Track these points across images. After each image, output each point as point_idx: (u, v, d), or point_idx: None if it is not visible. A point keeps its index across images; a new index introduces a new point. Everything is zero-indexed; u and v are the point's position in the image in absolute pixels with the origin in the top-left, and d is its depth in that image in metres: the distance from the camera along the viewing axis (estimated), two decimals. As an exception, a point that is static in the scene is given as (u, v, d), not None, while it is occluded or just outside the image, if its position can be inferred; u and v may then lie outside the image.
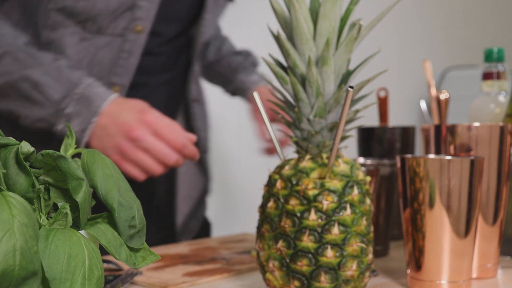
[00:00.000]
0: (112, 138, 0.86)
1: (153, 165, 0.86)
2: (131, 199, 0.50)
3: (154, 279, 0.76)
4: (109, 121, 0.86)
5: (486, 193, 0.78)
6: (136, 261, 0.49)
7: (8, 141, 0.45)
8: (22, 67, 0.86)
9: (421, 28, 2.86)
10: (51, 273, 0.41)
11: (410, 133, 1.05)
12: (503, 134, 0.77)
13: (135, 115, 0.86)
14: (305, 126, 0.64)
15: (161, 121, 0.87)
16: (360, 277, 0.64)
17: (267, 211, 0.65)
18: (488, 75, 0.96)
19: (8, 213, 0.39)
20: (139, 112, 0.86)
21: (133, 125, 0.85)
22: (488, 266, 0.78)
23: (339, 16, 0.62)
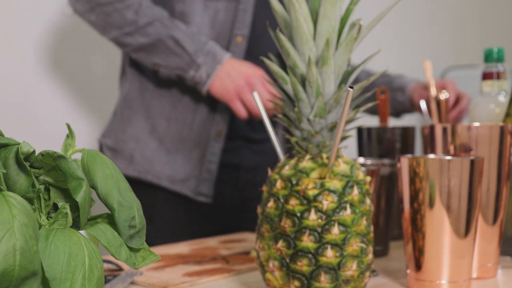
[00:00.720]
0: (234, 80, 1.16)
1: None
2: (131, 199, 0.50)
3: (154, 279, 0.76)
4: (232, 69, 1.16)
5: (486, 193, 0.78)
6: (136, 261, 0.49)
7: (8, 141, 0.45)
8: (168, 29, 1.17)
9: (421, 28, 2.86)
10: (51, 273, 0.41)
11: (410, 133, 1.05)
12: (503, 134, 0.77)
13: (251, 69, 1.17)
14: (305, 126, 0.64)
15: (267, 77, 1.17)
16: (360, 277, 0.64)
17: (267, 211, 0.65)
18: (488, 75, 0.96)
19: (8, 213, 0.39)
20: (252, 68, 1.17)
21: (252, 75, 1.16)
22: (488, 266, 0.78)
23: (339, 16, 0.62)
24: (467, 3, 3.12)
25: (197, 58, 1.17)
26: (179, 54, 1.18)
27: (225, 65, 1.17)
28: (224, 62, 1.17)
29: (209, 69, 1.17)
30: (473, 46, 3.08)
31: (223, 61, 1.17)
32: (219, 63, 1.17)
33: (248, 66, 1.17)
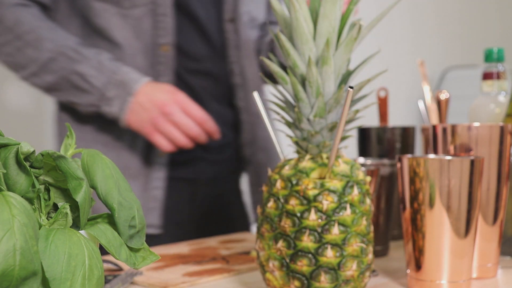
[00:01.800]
0: (147, 112, 1.03)
1: (180, 137, 1.04)
2: (131, 199, 0.50)
3: (154, 279, 0.76)
4: (145, 98, 1.04)
5: (486, 193, 0.78)
6: (136, 261, 0.49)
7: (8, 141, 0.45)
8: (72, 63, 1.06)
9: (421, 28, 2.86)
10: (51, 273, 0.41)
11: (410, 133, 1.05)
12: (503, 134, 0.77)
13: (167, 95, 1.04)
14: (305, 126, 0.64)
15: (188, 101, 1.05)
16: (360, 277, 0.64)
17: (267, 211, 0.65)
18: (488, 75, 0.96)
19: (8, 213, 0.39)
20: (170, 92, 1.04)
21: (166, 102, 1.03)
22: (488, 266, 0.78)
23: (339, 16, 0.62)
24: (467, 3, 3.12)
25: (107, 91, 1.05)
26: (87, 90, 1.06)
27: (138, 95, 1.04)
28: (137, 92, 1.04)
29: (121, 103, 1.04)
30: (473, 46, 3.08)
31: (136, 91, 1.04)
32: (131, 95, 1.04)
33: (165, 92, 1.04)
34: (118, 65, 1.07)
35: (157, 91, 1.04)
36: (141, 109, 1.04)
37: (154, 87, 1.05)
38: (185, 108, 1.03)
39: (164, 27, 1.09)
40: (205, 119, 1.05)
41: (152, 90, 1.04)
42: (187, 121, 1.03)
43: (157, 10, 1.09)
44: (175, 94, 1.04)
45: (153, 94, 1.04)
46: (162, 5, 1.09)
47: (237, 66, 1.18)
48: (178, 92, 1.05)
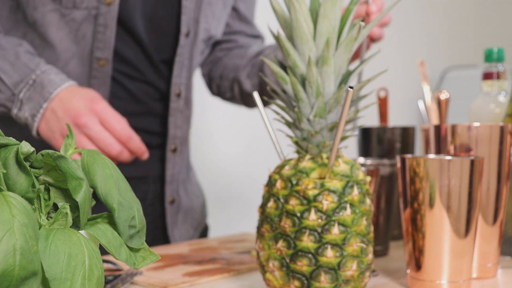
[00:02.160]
0: (59, 121, 0.87)
1: None
2: (131, 199, 0.50)
3: (154, 279, 0.76)
4: (59, 105, 0.88)
5: (486, 193, 0.78)
6: (136, 261, 0.49)
7: (8, 141, 0.45)
8: None
9: (421, 28, 2.86)
10: (51, 273, 0.41)
11: (410, 133, 1.05)
12: (503, 134, 0.77)
13: (85, 102, 0.87)
14: (305, 126, 0.64)
15: (110, 112, 0.89)
16: (360, 277, 0.64)
17: (267, 211, 0.65)
18: (488, 75, 0.96)
19: (8, 213, 0.39)
20: (89, 100, 0.88)
21: (81, 112, 0.87)
22: (488, 266, 0.78)
23: (339, 16, 0.62)
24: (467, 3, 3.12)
25: (20, 92, 0.88)
26: None
27: (54, 101, 0.88)
28: (53, 98, 0.88)
29: (33, 108, 0.88)
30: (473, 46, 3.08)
31: (54, 95, 0.88)
32: (46, 100, 0.88)
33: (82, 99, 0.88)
34: (37, 62, 0.91)
35: (74, 97, 0.88)
36: (53, 116, 0.88)
37: (72, 92, 0.89)
38: (105, 120, 0.87)
39: (103, 39, 0.97)
40: (129, 135, 0.89)
41: (68, 95, 0.88)
42: (104, 136, 0.87)
43: (99, 19, 0.96)
44: (94, 103, 0.88)
45: (68, 101, 0.88)
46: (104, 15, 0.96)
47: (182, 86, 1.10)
48: (99, 100, 0.89)
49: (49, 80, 0.89)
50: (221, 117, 2.00)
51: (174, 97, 1.09)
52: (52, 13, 0.95)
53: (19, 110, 0.89)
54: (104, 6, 0.96)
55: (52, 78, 0.89)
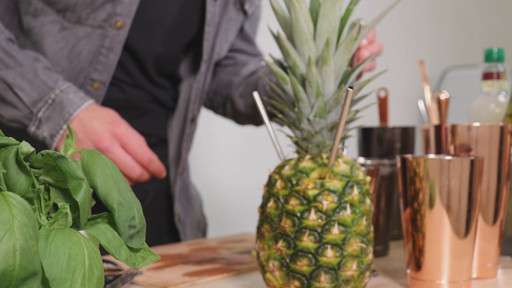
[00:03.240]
0: (80, 144, 0.86)
1: None
2: (131, 199, 0.50)
3: (154, 279, 0.76)
4: (79, 128, 0.86)
5: (486, 193, 0.78)
6: (136, 261, 0.49)
7: (8, 141, 0.45)
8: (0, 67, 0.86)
9: (421, 28, 2.86)
10: (51, 273, 0.41)
11: (410, 133, 1.05)
12: (503, 134, 0.77)
13: (106, 126, 0.87)
14: (305, 126, 0.64)
15: (131, 135, 0.88)
16: (360, 277, 0.64)
17: (267, 211, 0.65)
18: (488, 75, 0.96)
19: (8, 213, 0.39)
20: (110, 122, 0.87)
21: (103, 136, 0.86)
22: (488, 266, 0.78)
23: (339, 16, 0.62)
24: (467, 3, 3.12)
25: (38, 111, 0.86)
26: (13, 104, 0.86)
27: (74, 122, 0.86)
28: (75, 117, 0.86)
29: (53, 128, 0.86)
30: (473, 46, 3.08)
31: (74, 116, 0.86)
32: (67, 120, 0.86)
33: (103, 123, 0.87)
34: (56, 79, 0.88)
35: (95, 119, 0.87)
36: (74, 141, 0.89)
37: (92, 114, 0.87)
38: (126, 144, 0.87)
39: (105, 62, 0.94)
40: (149, 158, 0.89)
41: (89, 117, 0.87)
42: (126, 159, 0.87)
43: (104, 41, 0.93)
44: (115, 126, 0.87)
45: (89, 123, 0.86)
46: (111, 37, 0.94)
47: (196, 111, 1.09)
48: (120, 122, 0.88)
49: (69, 100, 0.87)
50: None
51: (189, 123, 1.08)
52: (52, 24, 0.92)
53: (37, 129, 0.87)
54: (112, 29, 0.93)
55: (72, 97, 0.87)
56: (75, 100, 0.87)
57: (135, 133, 0.89)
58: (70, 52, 0.93)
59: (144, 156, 0.88)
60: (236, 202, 2.05)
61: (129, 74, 1.03)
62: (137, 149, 0.88)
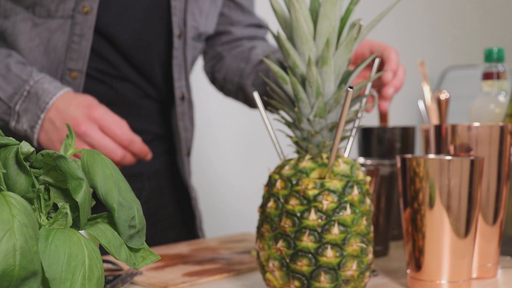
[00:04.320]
0: (59, 131, 0.86)
1: None
2: (131, 199, 0.50)
3: (154, 279, 0.76)
4: (56, 115, 0.86)
5: (486, 193, 0.78)
6: (136, 261, 0.49)
7: (8, 141, 0.46)
8: None
9: (421, 28, 2.86)
10: (51, 273, 0.41)
11: (410, 133, 1.05)
12: (503, 134, 0.77)
13: (82, 110, 0.86)
14: (305, 126, 0.64)
15: (109, 117, 0.88)
16: (360, 277, 0.64)
17: (267, 211, 0.65)
18: (488, 75, 0.96)
19: (8, 213, 0.39)
20: (86, 107, 0.87)
21: (80, 120, 0.85)
22: (488, 266, 0.78)
23: (339, 16, 0.62)
24: (467, 3, 3.12)
25: (16, 105, 0.87)
26: None
27: (50, 111, 0.87)
28: (51, 106, 0.87)
29: (31, 119, 0.87)
30: (473, 46, 3.08)
31: (50, 105, 0.87)
32: (43, 111, 0.86)
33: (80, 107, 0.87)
34: (29, 72, 0.89)
35: (72, 105, 0.87)
36: (51, 127, 0.87)
37: (68, 101, 0.87)
38: (104, 127, 0.87)
39: (78, 50, 0.94)
40: (130, 139, 0.89)
41: (65, 104, 0.87)
42: (105, 141, 0.86)
43: (74, 29, 0.93)
44: (92, 109, 0.87)
45: (65, 110, 0.86)
46: (81, 24, 0.93)
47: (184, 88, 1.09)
48: (97, 106, 0.88)
49: (43, 89, 0.87)
50: (222, 117, 2.00)
51: (179, 101, 1.08)
52: (24, 22, 0.92)
53: (17, 123, 0.88)
54: (80, 15, 0.93)
55: (46, 87, 0.88)
56: (50, 89, 0.88)
57: (113, 116, 0.88)
58: (46, 47, 0.94)
59: (124, 137, 0.87)
60: (236, 202, 2.05)
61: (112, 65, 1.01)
62: (116, 130, 0.87)
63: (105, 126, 0.87)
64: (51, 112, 0.87)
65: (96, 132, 0.86)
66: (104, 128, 0.87)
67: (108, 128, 0.87)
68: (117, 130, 0.87)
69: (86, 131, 0.85)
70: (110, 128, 0.87)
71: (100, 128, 0.87)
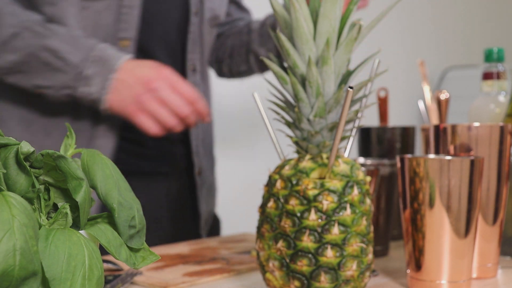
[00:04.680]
0: (131, 89, 0.93)
1: (168, 117, 0.94)
2: (131, 199, 0.50)
3: (154, 279, 0.76)
4: (127, 74, 0.93)
5: (486, 193, 0.78)
6: (136, 261, 0.49)
7: (8, 141, 0.45)
8: (40, 38, 0.93)
9: (421, 28, 2.86)
10: (51, 273, 0.41)
11: (410, 133, 1.05)
12: (503, 134, 0.77)
13: (153, 70, 0.94)
14: (305, 126, 0.64)
15: (176, 77, 0.95)
16: (360, 277, 0.64)
17: (267, 211, 0.65)
18: (488, 75, 0.96)
19: (8, 213, 0.39)
20: (155, 68, 0.95)
21: (152, 77, 0.93)
22: (488, 266, 0.78)
23: (339, 16, 0.62)
24: (467, 3, 3.12)
25: (85, 69, 0.93)
26: (61, 69, 0.93)
27: (120, 72, 0.93)
28: (120, 68, 0.93)
29: (102, 81, 0.93)
30: (473, 46, 3.08)
31: (118, 67, 0.93)
32: (113, 72, 0.93)
33: (150, 67, 0.95)
34: (94, 42, 0.96)
35: (141, 66, 0.94)
36: (123, 86, 0.93)
37: (137, 63, 0.95)
38: (173, 84, 0.94)
39: (128, 20, 1.00)
40: (196, 97, 0.95)
41: (135, 66, 0.94)
42: (176, 99, 0.93)
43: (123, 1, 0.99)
44: (161, 69, 0.94)
45: (137, 69, 0.94)
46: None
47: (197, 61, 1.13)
48: (166, 68, 0.95)
49: (110, 54, 0.94)
50: (222, 117, 2.00)
51: (190, 72, 1.12)
52: (71, 6, 0.97)
53: (85, 87, 0.93)
54: None
55: (111, 52, 0.94)
56: (116, 54, 0.95)
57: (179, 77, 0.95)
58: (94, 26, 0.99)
59: (191, 94, 0.94)
60: (236, 202, 2.05)
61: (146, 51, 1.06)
62: (184, 87, 0.94)
63: (174, 84, 0.94)
64: (121, 73, 0.93)
65: (166, 89, 0.93)
66: (173, 86, 0.93)
67: (177, 86, 0.94)
68: (184, 88, 0.94)
69: (158, 87, 0.92)
70: (178, 85, 0.94)
71: (170, 86, 0.93)
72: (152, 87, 0.92)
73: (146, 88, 0.92)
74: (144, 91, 0.92)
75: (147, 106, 0.93)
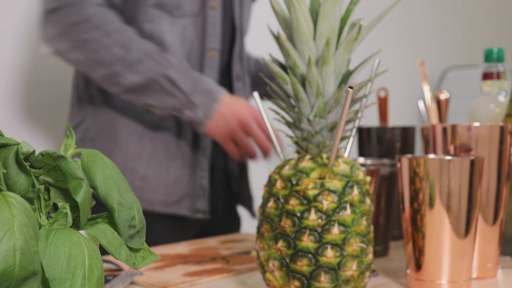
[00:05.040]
0: (227, 122, 1.11)
1: (252, 149, 1.14)
2: (131, 199, 0.50)
3: (154, 279, 0.76)
4: (226, 109, 1.11)
5: (486, 193, 0.78)
6: (136, 261, 0.49)
7: (8, 141, 0.45)
8: (161, 66, 1.11)
9: (421, 28, 2.86)
10: (51, 273, 0.41)
11: (410, 133, 1.05)
12: (503, 134, 0.77)
13: (246, 109, 1.12)
14: (305, 126, 0.64)
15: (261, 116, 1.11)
16: (360, 277, 0.64)
17: (267, 211, 0.65)
18: (488, 75, 0.96)
19: (8, 213, 0.39)
20: (248, 107, 1.13)
21: (245, 115, 1.12)
22: (488, 266, 0.78)
23: (339, 16, 0.62)
24: (467, 3, 3.12)
25: (193, 97, 1.11)
26: (174, 95, 1.11)
27: (220, 105, 1.12)
28: (220, 101, 1.12)
29: (206, 109, 1.11)
30: (473, 46, 3.08)
31: (219, 100, 1.12)
32: (216, 102, 1.11)
33: (242, 105, 1.13)
34: (198, 74, 1.14)
35: (236, 103, 1.12)
36: (221, 119, 1.11)
37: (233, 99, 1.13)
38: (260, 122, 1.13)
39: (213, 34, 1.19)
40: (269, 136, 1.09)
41: (232, 102, 1.12)
42: (261, 134, 1.12)
43: (207, 19, 1.18)
44: (253, 110, 1.13)
45: (233, 105, 1.12)
46: (212, 15, 1.19)
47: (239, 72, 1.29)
48: (255, 109, 1.14)
49: (213, 87, 1.12)
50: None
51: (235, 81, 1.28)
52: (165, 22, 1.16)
53: (191, 111, 1.11)
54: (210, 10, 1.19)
55: (214, 85, 1.13)
56: (217, 87, 1.13)
57: None
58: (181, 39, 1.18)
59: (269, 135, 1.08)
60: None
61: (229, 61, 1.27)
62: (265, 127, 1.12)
63: (261, 123, 1.13)
64: (222, 107, 1.11)
65: (255, 125, 1.12)
66: (260, 123, 1.13)
67: (263, 126, 1.13)
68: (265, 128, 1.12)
69: (250, 123, 1.12)
70: (263, 126, 1.13)
71: (257, 122, 1.13)
72: (244, 122, 1.11)
73: (239, 122, 1.11)
74: (237, 125, 1.11)
75: (238, 138, 1.12)
